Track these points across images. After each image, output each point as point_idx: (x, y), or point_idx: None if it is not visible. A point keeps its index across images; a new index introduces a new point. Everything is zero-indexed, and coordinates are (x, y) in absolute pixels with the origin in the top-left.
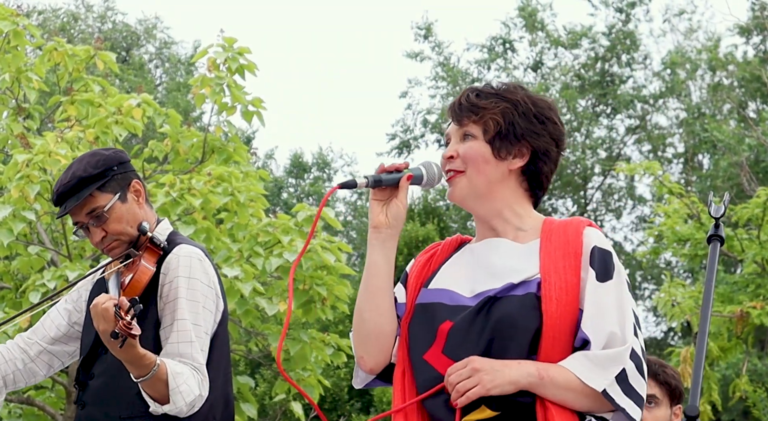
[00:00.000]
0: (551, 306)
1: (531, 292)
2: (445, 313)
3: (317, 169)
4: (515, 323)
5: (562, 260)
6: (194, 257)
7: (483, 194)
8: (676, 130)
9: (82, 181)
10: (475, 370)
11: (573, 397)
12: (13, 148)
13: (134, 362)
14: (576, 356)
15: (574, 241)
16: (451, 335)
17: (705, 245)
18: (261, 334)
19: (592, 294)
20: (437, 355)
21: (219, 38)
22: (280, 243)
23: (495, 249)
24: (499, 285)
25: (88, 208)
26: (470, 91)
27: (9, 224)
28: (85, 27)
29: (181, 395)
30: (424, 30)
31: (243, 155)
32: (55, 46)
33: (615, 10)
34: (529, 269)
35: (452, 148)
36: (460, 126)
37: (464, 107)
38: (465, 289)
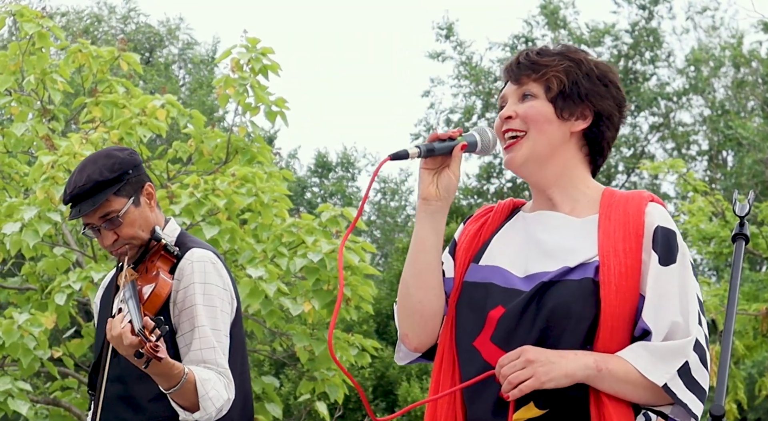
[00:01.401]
0: (610, 293)
1: (588, 277)
2: (497, 296)
3: (341, 168)
4: (570, 312)
5: (623, 242)
6: (207, 262)
7: (544, 158)
8: (700, 127)
9: (99, 185)
10: (530, 361)
11: (631, 390)
12: (38, 149)
13: (163, 376)
14: (635, 348)
15: (635, 220)
16: (501, 322)
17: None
18: (285, 334)
19: (655, 280)
20: (486, 342)
21: (242, 39)
22: (305, 243)
23: (549, 223)
24: (554, 267)
25: (102, 212)
26: (529, 51)
27: (34, 226)
28: (108, 28)
29: (211, 401)
30: (445, 30)
31: (267, 156)
32: (80, 47)
33: (638, 8)
34: (587, 250)
35: (510, 108)
36: (519, 85)
37: (523, 65)
38: (517, 268)
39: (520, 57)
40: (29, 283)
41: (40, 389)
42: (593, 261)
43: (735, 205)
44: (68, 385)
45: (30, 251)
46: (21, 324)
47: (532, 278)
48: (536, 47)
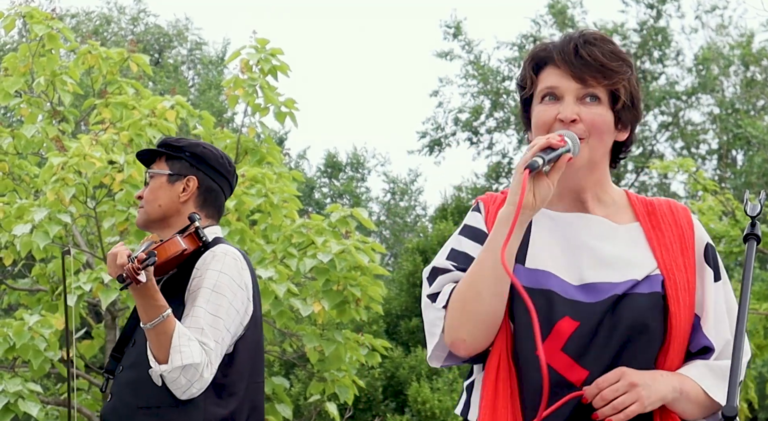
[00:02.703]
0: (678, 308)
1: (657, 291)
2: (561, 306)
3: (351, 168)
4: (647, 328)
5: (681, 256)
6: (229, 255)
7: (595, 164)
8: (709, 126)
9: (165, 143)
10: (633, 385)
11: (695, 409)
12: (48, 151)
13: (148, 302)
14: (698, 366)
15: (689, 233)
16: (576, 334)
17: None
18: (295, 335)
19: (712, 296)
20: (555, 352)
21: (251, 40)
22: (314, 244)
23: (592, 228)
24: (617, 279)
25: (152, 167)
26: (585, 43)
27: (45, 227)
28: (118, 29)
29: (180, 355)
30: (453, 29)
31: (276, 156)
32: (89, 49)
33: (646, 6)
34: (646, 262)
35: (573, 110)
36: (584, 85)
37: (591, 65)
38: (570, 275)
39: (582, 51)
40: (40, 284)
41: (51, 390)
42: (656, 274)
43: (746, 205)
44: (79, 386)
45: (40, 252)
46: (31, 325)
47: (592, 287)
48: (592, 39)
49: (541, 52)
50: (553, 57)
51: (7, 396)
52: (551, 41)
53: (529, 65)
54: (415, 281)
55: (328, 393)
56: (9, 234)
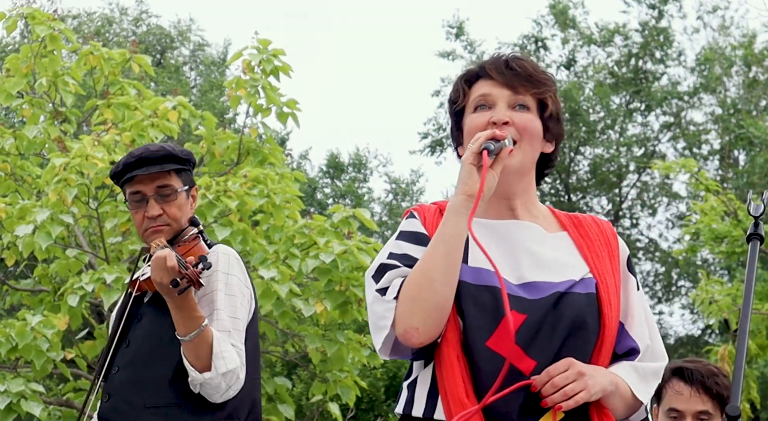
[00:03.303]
0: (608, 309)
1: (592, 292)
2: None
3: (353, 169)
4: (586, 324)
5: (609, 263)
6: (232, 256)
7: (525, 171)
8: (711, 126)
9: (171, 156)
10: (581, 374)
11: (623, 406)
12: (50, 151)
13: (188, 314)
14: (626, 366)
15: (614, 244)
16: (524, 327)
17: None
18: (297, 335)
19: (635, 302)
20: (508, 344)
21: (254, 40)
22: (316, 244)
23: (527, 233)
24: (557, 279)
25: (162, 182)
26: (518, 59)
27: (47, 228)
28: (120, 30)
29: (223, 360)
30: (455, 29)
31: (278, 157)
32: (91, 49)
33: (648, 7)
34: (580, 266)
35: (506, 114)
36: (514, 93)
37: (521, 75)
38: (510, 275)
39: (510, 62)
40: (42, 285)
41: (53, 390)
42: (590, 277)
43: (749, 205)
44: (81, 386)
45: (42, 252)
46: (34, 326)
47: (533, 286)
48: (522, 57)
49: (472, 69)
50: (485, 71)
51: (10, 396)
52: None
53: (461, 80)
54: None
55: (330, 394)
56: (11, 235)
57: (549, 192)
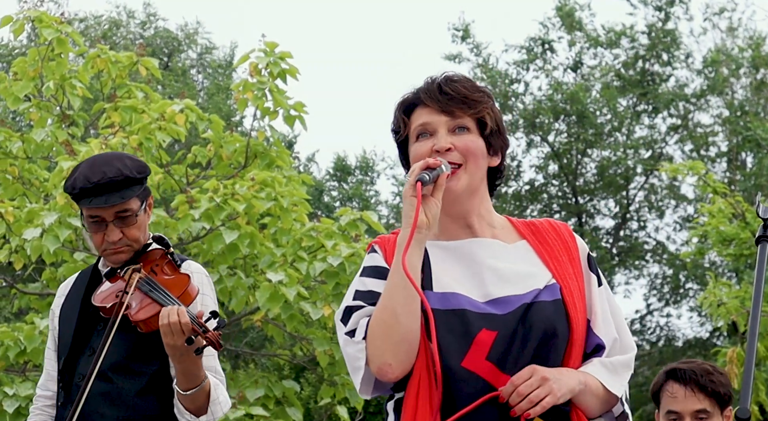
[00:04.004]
0: (575, 312)
1: (558, 298)
2: (476, 321)
3: (360, 172)
4: (556, 331)
5: (570, 265)
6: (203, 274)
7: (474, 189)
8: (719, 128)
9: (129, 180)
10: (545, 379)
11: (597, 402)
12: (57, 155)
13: (194, 373)
14: (594, 363)
15: (572, 245)
16: (496, 343)
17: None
18: (305, 338)
19: (598, 299)
20: (480, 361)
21: (260, 43)
22: (324, 247)
23: (486, 250)
24: (522, 291)
25: (121, 207)
26: (446, 81)
27: (55, 231)
28: (127, 33)
29: (220, 405)
30: (461, 31)
31: (286, 160)
32: (98, 53)
33: (654, 9)
34: (542, 274)
35: (447, 140)
36: (451, 117)
37: (454, 98)
38: (476, 293)
39: (444, 87)
40: (50, 288)
41: None
42: (553, 283)
43: (758, 207)
44: None
45: (50, 256)
46: (42, 329)
47: (500, 301)
48: (452, 76)
49: (408, 97)
50: (420, 98)
51: (18, 400)
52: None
53: (399, 110)
54: None
55: (338, 397)
56: (19, 238)
57: (556, 195)
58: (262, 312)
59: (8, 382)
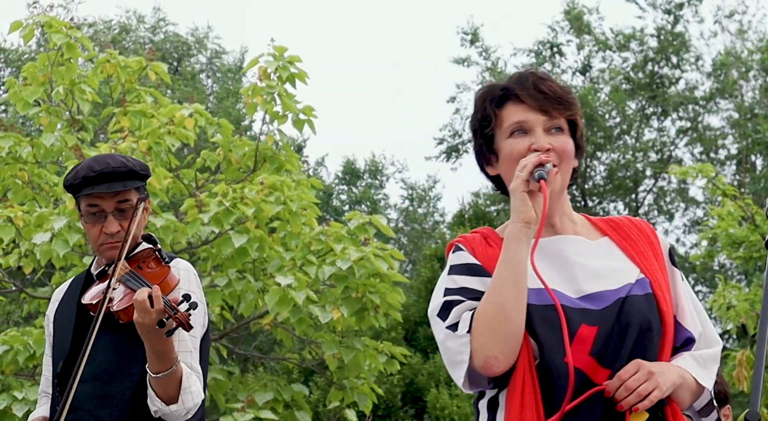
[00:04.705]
0: (666, 306)
1: (649, 292)
2: (575, 316)
3: (369, 175)
4: (651, 325)
5: (655, 260)
6: (191, 272)
7: (563, 191)
8: (728, 131)
9: (133, 172)
10: (651, 373)
11: (689, 395)
12: (67, 159)
13: (165, 354)
14: (685, 357)
15: (655, 240)
16: (597, 338)
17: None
18: (314, 342)
19: (683, 293)
20: (583, 356)
21: (269, 47)
22: (333, 251)
23: (573, 247)
24: (615, 286)
25: (124, 197)
26: (542, 80)
27: (64, 235)
28: (137, 38)
29: (191, 395)
30: (470, 35)
31: (294, 164)
32: (108, 58)
33: (663, 12)
34: (630, 269)
35: (546, 140)
36: (549, 117)
37: (552, 98)
38: (569, 289)
39: (539, 85)
40: None
41: None
42: (642, 277)
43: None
44: None
45: (60, 260)
46: None
47: (594, 297)
48: (539, 74)
49: (496, 90)
50: (514, 94)
51: (28, 404)
52: (501, 81)
53: (489, 104)
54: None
55: (347, 401)
56: (29, 242)
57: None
58: (271, 316)
59: (18, 386)
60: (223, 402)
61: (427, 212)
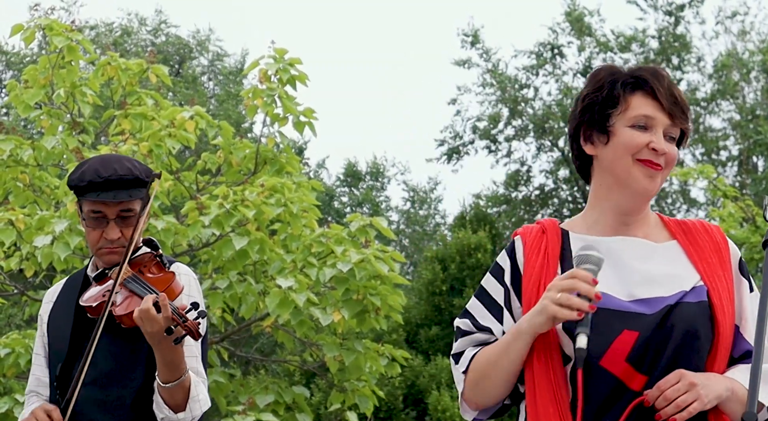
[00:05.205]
0: (723, 316)
1: (704, 301)
2: (619, 320)
3: (370, 177)
4: (698, 333)
5: (720, 268)
6: (191, 276)
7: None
8: (730, 132)
9: (139, 181)
10: (693, 384)
11: (741, 409)
12: (68, 162)
13: (176, 364)
14: (742, 370)
15: (724, 247)
16: (637, 344)
17: (761, 249)
18: (315, 344)
19: (749, 305)
20: (618, 362)
21: (270, 49)
22: (334, 253)
23: (634, 250)
24: (668, 292)
25: (126, 206)
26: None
27: (65, 238)
28: (139, 40)
29: (199, 403)
30: (470, 37)
31: (295, 166)
32: (109, 60)
33: (664, 14)
34: (690, 275)
35: (664, 145)
36: (672, 122)
37: (680, 105)
38: (620, 292)
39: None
40: None
41: None
42: (701, 285)
43: (766, 210)
44: None
45: (61, 263)
46: None
47: (644, 302)
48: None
49: (627, 76)
50: (649, 87)
51: None
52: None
53: (620, 86)
54: (435, 290)
55: (348, 403)
56: (30, 245)
57: (566, 199)
58: (271, 318)
59: (19, 389)
60: (224, 405)
61: (428, 214)
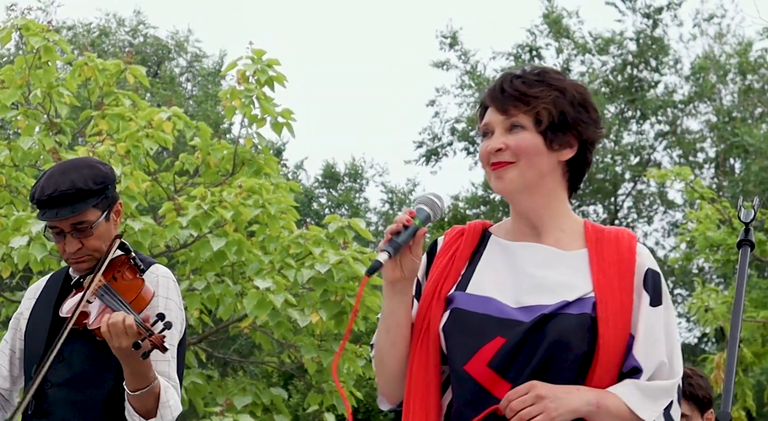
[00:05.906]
0: (607, 329)
1: (586, 312)
2: (495, 327)
3: (349, 179)
4: (569, 345)
5: (617, 280)
6: (170, 278)
7: (533, 187)
8: (707, 134)
9: (82, 193)
10: (540, 397)
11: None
12: (45, 163)
13: (143, 374)
14: (627, 384)
15: (627, 259)
16: (501, 350)
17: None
18: (293, 346)
19: (646, 320)
20: (480, 367)
21: (248, 50)
22: (312, 255)
23: (538, 256)
24: (552, 301)
25: (77, 220)
26: (512, 78)
27: (42, 239)
28: (117, 41)
29: (170, 409)
30: (449, 38)
31: (273, 167)
32: (86, 61)
33: (642, 16)
34: (582, 286)
35: (499, 140)
36: (507, 116)
37: (510, 96)
38: (509, 298)
39: (504, 84)
40: None
41: None
42: (590, 297)
43: (740, 211)
44: None
45: (38, 264)
46: None
47: (528, 309)
48: (519, 73)
49: (483, 97)
50: (487, 100)
51: None
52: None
53: (480, 108)
54: None
55: (326, 404)
56: (6, 246)
57: None
58: (249, 319)
59: None
60: (201, 406)
61: None
